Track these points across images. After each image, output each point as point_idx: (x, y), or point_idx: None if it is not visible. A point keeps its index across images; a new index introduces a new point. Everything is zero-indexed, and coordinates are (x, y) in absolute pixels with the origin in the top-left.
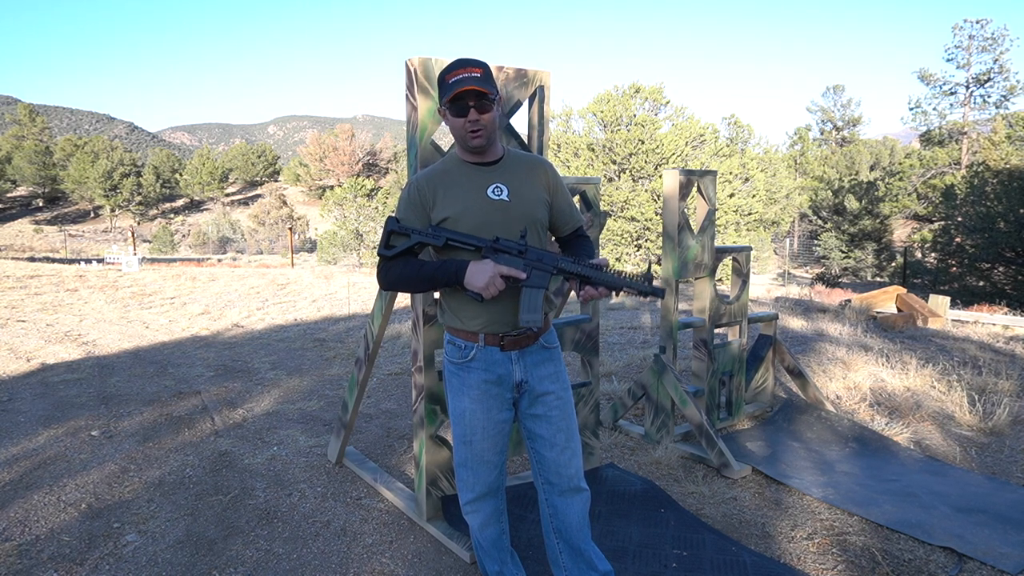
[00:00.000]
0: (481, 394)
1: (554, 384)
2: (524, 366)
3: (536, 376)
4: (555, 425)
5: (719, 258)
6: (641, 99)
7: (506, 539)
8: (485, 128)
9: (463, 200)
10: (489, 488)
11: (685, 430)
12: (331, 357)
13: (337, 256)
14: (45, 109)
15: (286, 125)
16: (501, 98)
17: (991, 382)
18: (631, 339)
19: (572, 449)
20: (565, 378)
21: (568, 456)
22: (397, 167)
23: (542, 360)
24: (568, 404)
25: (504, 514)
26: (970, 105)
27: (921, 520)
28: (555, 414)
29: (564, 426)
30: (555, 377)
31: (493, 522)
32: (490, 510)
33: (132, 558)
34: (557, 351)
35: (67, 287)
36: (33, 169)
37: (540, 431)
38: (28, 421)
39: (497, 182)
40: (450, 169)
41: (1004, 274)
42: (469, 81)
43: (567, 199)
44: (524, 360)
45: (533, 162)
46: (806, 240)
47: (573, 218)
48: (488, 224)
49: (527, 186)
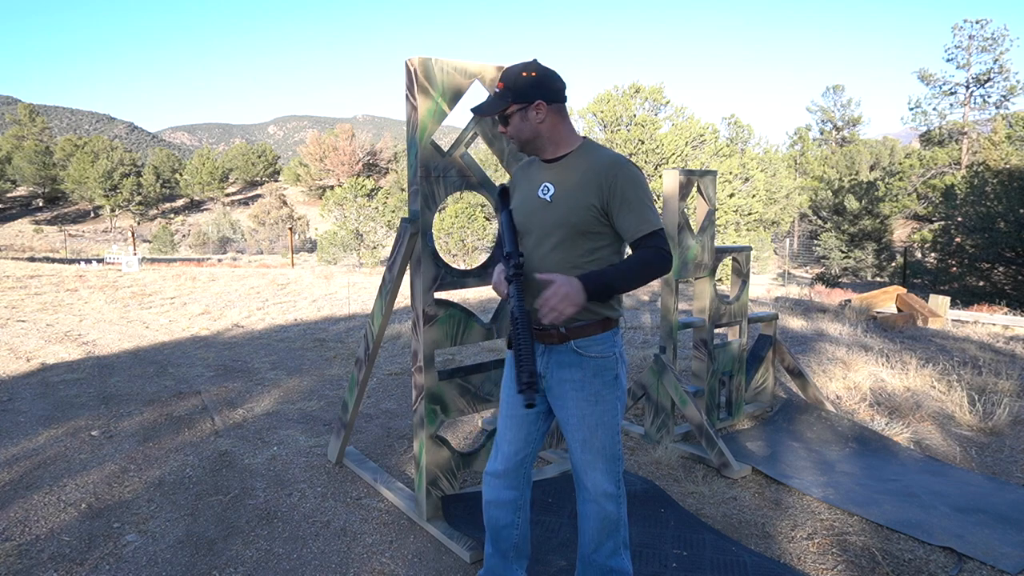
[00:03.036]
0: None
1: (575, 392)
2: (547, 362)
3: (556, 377)
4: (570, 430)
5: (719, 258)
6: (641, 99)
7: (514, 533)
8: (515, 137)
9: (521, 195)
10: (505, 469)
11: (685, 430)
12: (331, 357)
13: (337, 256)
14: (45, 109)
15: (286, 125)
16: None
17: (991, 382)
18: (631, 339)
19: (587, 460)
20: (596, 390)
21: (582, 465)
22: (397, 167)
23: (569, 363)
24: (589, 416)
25: (520, 511)
26: (970, 105)
27: (921, 520)
28: (573, 421)
29: (579, 435)
30: (578, 385)
31: (502, 510)
32: (498, 491)
33: (132, 558)
34: (596, 362)
35: (67, 287)
36: (33, 169)
37: (563, 427)
38: (28, 421)
39: (548, 181)
40: (532, 161)
41: (1004, 274)
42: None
43: (630, 205)
44: (549, 356)
45: (595, 164)
46: (806, 240)
47: (632, 228)
48: (529, 223)
49: (574, 188)
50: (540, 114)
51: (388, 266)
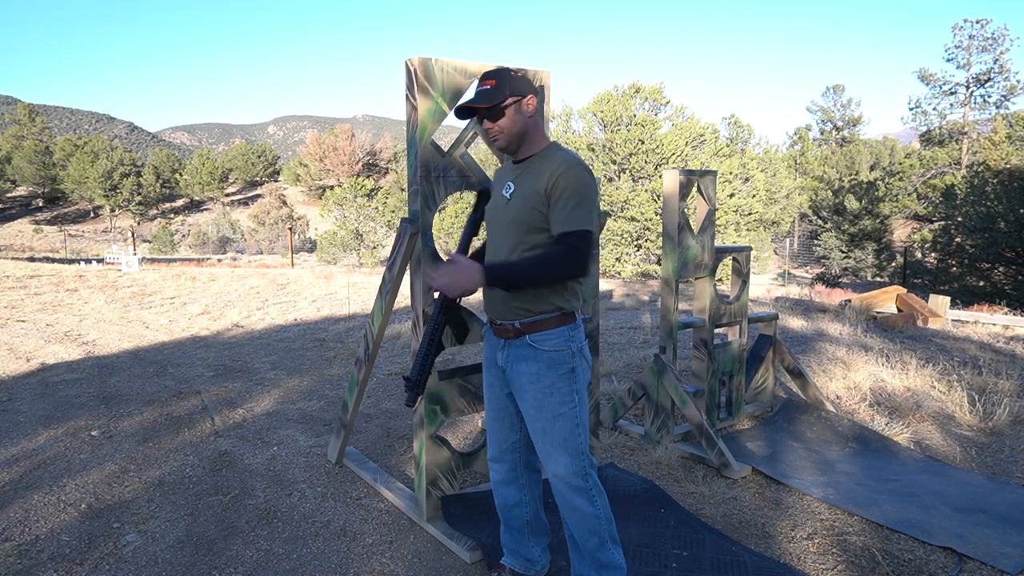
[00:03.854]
0: (487, 366)
1: (531, 384)
2: (506, 356)
3: (515, 370)
4: (531, 423)
5: (719, 258)
6: (641, 99)
7: (524, 511)
8: (502, 133)
9: (495, 194)
10: (501, 453)
11: (685, 430)
12: (331, 357)
13: (337, 256)
14: (45, 109)
15: (286, 125)
16: (525, 99)
17: (991, 382)
18: (631, 339)
19: (548, 452)
20: (551, 383)
21: (543, 455)
22: (397, 167)
23: (524, 357)
24: (545, 408)
25: (525, 490)
26: (970, 105)
27: (921, 520)
28: (530, 411)
29: (537, 426)
30: (534, 378)
31: (507, 489)
32: (502, 476)
33: (132, 558)
34: (550, 355)
35: (67, 287)
36: (33, 169)
37: (526, 420)
38: (28, 421)
39: (511, 180)
40: (507, 163)
41: (1004, 274)
42: (473, 98)
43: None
44: (508, 351)
45: (551, 164)
46: (806, 240)
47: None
48: (493, 220)
49: (529, 187)
50: (531, 108)
51: (388, 266)
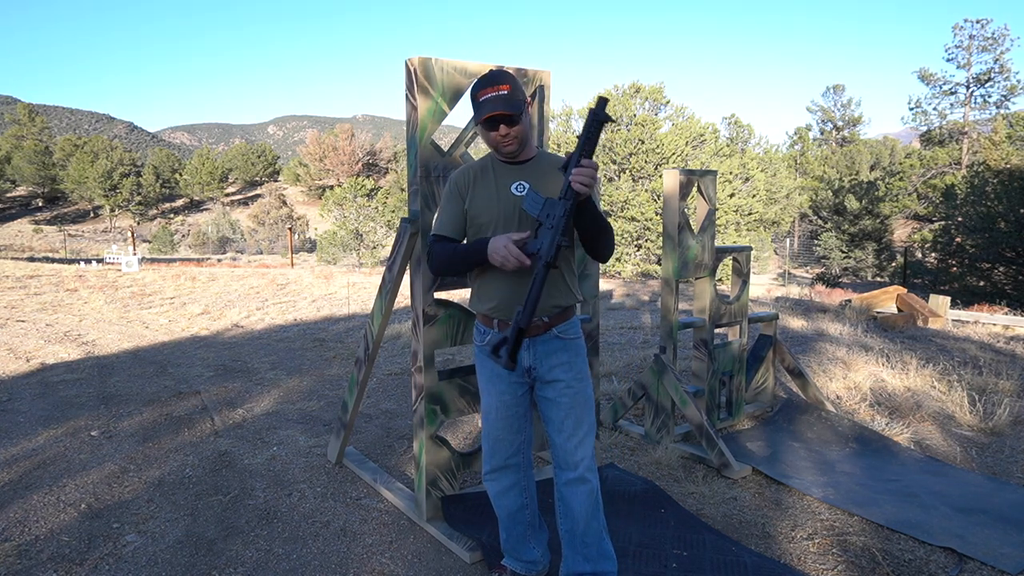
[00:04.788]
0: (494, 376)
1: (565, 373)
2: (534, 354)
3: (546, 365)
4: (563, 411)
5: (719, 258)
6: (641, 99)
7: (526, 514)
8: (517, 138)
9: (490, 194)
10: (505, 462)
11: (685, 430)
12: (331, 357)
13: (337, 256)
14: (45, 109)
15: (286, 125)
16: (529, 103)
17: (991, 382)
18: (631, 339)
19: (579, 437)
20: (580, 368)
21: (575, 443)
22: (397, 167)
23: (554, 350)
24: (580, 393)
25: (527, 491)
26: (970, 105)
27: (921, 520)
28: (564, 400)
29: (573, 413)
30: (567, 366)
31: (510, 495)
32: (507, 483)
33: (132, 558)
34: (575, 343)
35: (67, 287)
36: (33, 169)
37: (550, 415)
38: (28, 421)
39: (521, 179)
40: (487, 166)
41: (1004, 274)
42: (498, 104)
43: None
44: (535, 348)
45: (552, 165)
46: (806, 240)
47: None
48: (509, 217)
49: (548, 183)
50: (531, 111)
51: (388, 266)
